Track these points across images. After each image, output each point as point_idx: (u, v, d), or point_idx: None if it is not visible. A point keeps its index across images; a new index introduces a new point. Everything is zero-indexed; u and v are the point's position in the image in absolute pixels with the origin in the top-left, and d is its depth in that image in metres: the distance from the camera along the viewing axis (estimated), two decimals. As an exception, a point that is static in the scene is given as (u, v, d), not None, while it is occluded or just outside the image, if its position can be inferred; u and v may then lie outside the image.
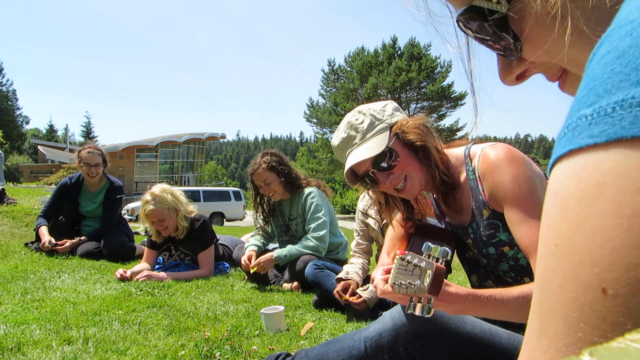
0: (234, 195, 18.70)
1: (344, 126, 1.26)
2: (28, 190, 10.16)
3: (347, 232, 4.07)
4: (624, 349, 0.17)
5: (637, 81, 0.23)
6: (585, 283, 0.23)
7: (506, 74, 0.44)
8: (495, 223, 1.12)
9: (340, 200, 33.73)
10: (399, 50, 31.14)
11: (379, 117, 1.22)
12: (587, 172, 0.24)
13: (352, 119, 1.25)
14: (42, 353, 1.59)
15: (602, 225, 0.23)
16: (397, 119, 1.23)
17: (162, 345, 1.72)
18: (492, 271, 1.21)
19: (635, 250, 0.21)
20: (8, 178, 17.83)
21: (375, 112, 1.24)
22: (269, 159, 3.06)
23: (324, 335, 1.92)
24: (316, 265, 2.68)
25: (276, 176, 3.03)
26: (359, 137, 1.21)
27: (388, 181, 1.19)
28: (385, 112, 1.25)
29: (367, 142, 1.20)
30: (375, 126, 1.22)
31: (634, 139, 0.23)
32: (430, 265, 0.84)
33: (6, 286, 2.53)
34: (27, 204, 6.14)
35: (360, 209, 2.65)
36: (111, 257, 3.67)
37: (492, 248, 1.14)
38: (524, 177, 1.02)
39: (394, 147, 1.18)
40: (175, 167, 41.04)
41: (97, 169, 3.95)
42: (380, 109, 1.25)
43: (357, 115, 1.25)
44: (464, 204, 1.20)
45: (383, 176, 1.19)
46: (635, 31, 0.24)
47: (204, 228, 3.23)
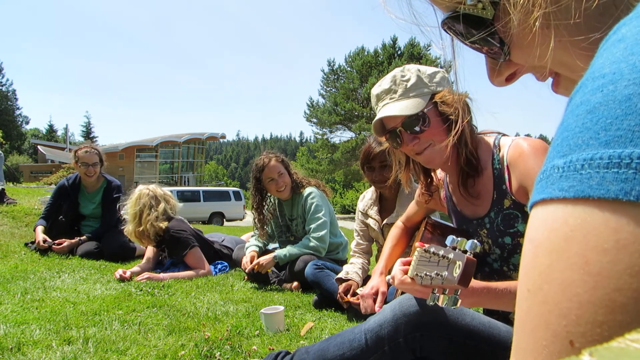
0: (234, 195, 18.69)
1: (389, 78, 1.25)
2: (28, 190, 10.15)
3: (347, 232, 4.07)
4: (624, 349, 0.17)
5: (605, 142, 0.24)
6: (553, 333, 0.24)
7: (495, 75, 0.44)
8: (515, 213, 1.13)
9: (340, 200, 33.72)
10: (399, 50, 31.13)
11: (425, 81, 1.22)
12: (557, 223, 0.25)
13: (398, 74, 1.24)
14: (42, 353, 1.59)
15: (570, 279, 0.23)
16: (441, 88, 1.24)
17: (162, 345, 1.72)
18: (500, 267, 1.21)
19: (602, 309, 0.22)
20: (8, 178, 17.82)
21: (424, 76, 1.23)
22: (275, 157, 3.10)
23: (324, 335, 1.92)
24: (316, 265, 2.68)
25: (286, 172, 3.05)
26: (399, 93, 1.22)
27: (412, 144, 1.21)
28: (434, 79, 1.24)
29: (404, 100, 1.20)
30: (419, 88, 1.21)
31: (600, 199, 0.23)
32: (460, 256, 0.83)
33: (6, 286, 2.53)
34: (27, 204, 6.14)
35: (360, 209, 2.64)
36: (111, 258, 3.67)
37: (508, 238, 1.16)
38: None
39: (429, 113, 1.19)
40: (175, 167, 41.04)
41: (94, 168, 3.94)
42: (430, 73, 1.25)
43: (406, 71, 1.25)
44: (481, 192, 1.21)
45: (409, 138, 1.21)
46: (606, 88, 0.25)
47: (173, 239, 3.18)
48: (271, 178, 3.01)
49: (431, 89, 1.22)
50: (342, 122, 31.51)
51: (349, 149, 30.06)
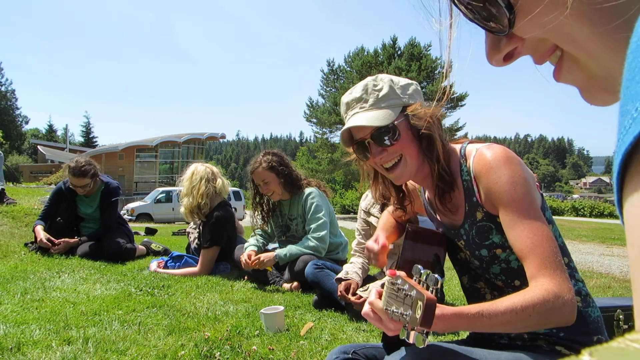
0: (233, 195, 18.68)
1: (361, 86, 1.21)
2: (28, 190, 10.15)
3: (347, 232, 4.07)
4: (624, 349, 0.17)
5: None
6: None
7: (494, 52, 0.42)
8: (488, 225, 1.10)
9: (340, 200, 33.71)
10: (399, 50, 31.13)
11: (397, 92, 1.18)
12: None
13: (370, 83, 1.20)
14: (42, 353, 1.59)
15: None
16: (413, 101, 1.19)
17: (162, 345, 1.72)
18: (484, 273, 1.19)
19: None
20: (8, 178, 17.82)
21: (397, 87, 1.19)
22: (269, 159, 3.07)
23: (323, 335, 1.92)
24: (316, 265, 2.68)
25: (275, 176, 3.03)
26: (370, 103, 1.17)
27: (379, 157, 1.16)
28: (407, 90, 1.20)
29: (375, 111, 1.16)
30: (390, 98, 1.17)
31: None
32: (421, 296, 0.82)
33: (6, 286, 2.52)
34: (27, 204, 6.14)
35: (362, 208, 2.65)
36: (111, 258, 3.67)
37: (484, 250, 1.13)
38: (519, 178, 1.01)
39: (399, 126, 1.15)
40: (175, 167, 41.00)
41: (85, 188, 3.83)
42: (403, 85, 1.20)
43: (378, 81, 1.20)
44: (458, 204, 1.17)
45: (377, 150, 1.16)
46: None
47: (215, 225, 3.28)
48: (259, 184, 3.08)
49: (403, 100, 1.18)
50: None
51: (349, 149, 30.00)
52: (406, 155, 1.15)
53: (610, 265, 6.11)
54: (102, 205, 3.97)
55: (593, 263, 6.29)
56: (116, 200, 4.08)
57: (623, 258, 7.18)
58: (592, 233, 11.46)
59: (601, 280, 4.50)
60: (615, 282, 4.43)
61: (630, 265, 0.23)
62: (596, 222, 18.12)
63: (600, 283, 4.28)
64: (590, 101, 0.39)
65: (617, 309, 1.44)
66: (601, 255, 7.43)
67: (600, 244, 9.23)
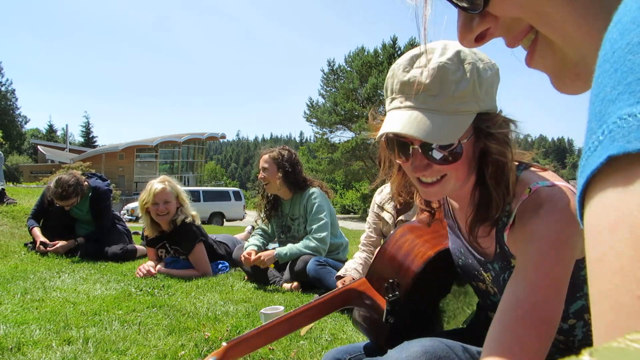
0: (234, 195, 18.70)
1: (433, 67, 0.82)
2: (28, 190, 10.15)
3: (347, 232, 4.08)
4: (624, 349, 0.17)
5: None
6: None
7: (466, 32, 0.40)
8: None
9: (340, 200, 33.74)
10: (399, 50, 31.16)
11: (477, 92, 0.83)
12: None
13: (449, 65, 0.82)
14: (42, 353, 1.60)
15: None
16: (493, 105, 0.87)
17: (162, 345, 1.72)
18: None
19: None
20: (8, 178, 17.82)
21: (479, 80, 0.83)
22: (279, 152, 3.12)
23: (324, 335, 1.92)
24: (318, 261, 2.69)
25: (276, 169, 3.06)
26: (439, 101, 0.82)
27: (420, 171, 0.87)
28: (490, 88, 0.86)
29: (441, 115, 0.82)
30: (467, 101, 0.82)
31: None
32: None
33: (6, 286, 2.53)
34: (27, 204, 6.14)
35: (377, 202, 2.62)
36: (112, 259, 3.68)
37: None
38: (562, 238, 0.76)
39: (466, 145, 0.84)
40: (175, 167, 41.05)
41: (73, 204, 3.81)
42: (487, 78, 0.85)
43: (458, 65, 0.83)
44: (489, 238, 0.93)
45: (421, 162, 0.86)
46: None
47: (185, 229, 3.24)
48: (259, 169, 3.12)
49: (480, 105, 0.84)
50: (342, 122, 31.53)
51: (349, 149, 30.07)
52: (451, 177, 0.87)
53: (611, 265, 6.10)
54: (92, 211, 3.92)
55: (593, 263, 6.29)
56: (108, 204, 4.03)
57: (623, 258, 7.16)
58: (592, 233, 11.45)
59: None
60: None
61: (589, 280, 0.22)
62: (596, 222, 18.11)
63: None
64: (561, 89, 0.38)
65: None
66: (601, 255, 7.43)
67: (600, 244, 9.23)
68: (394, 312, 1.06)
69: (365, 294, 1.15)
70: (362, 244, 2.64)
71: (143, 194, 3.23)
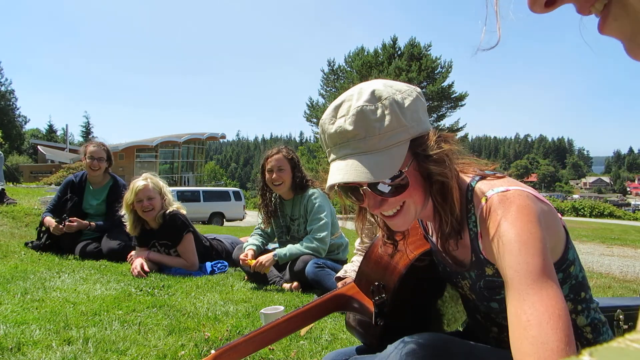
0: (233, 196, 18.68)
1: (352, 113, 0.86)
2: (28, 190, 10.15)
3: (347, 233, 4.07)
4: (624, 349, 0.17)
5: None
6: None
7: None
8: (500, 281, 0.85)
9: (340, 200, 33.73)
10: (399, 50, 31.15)
11: (403, 121, 0.86)
12: None
13: (366, 108, 0.85)
14: (42, 353, 1.59)
15: None
16: (423, 128, 0.89)
17: (162, 345, 1.72)
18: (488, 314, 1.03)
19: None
20: (8, 178, 17.81)
21: (401, 110, 0.86)
22: (290, 151, 3.13)
23: (324, 335, 1.92)
24: (317, 263, 2.68)
25: (290, 168, 3.05)
26: (368, 143, 0.85)
27: (379, 207, 0.91)
28: (414, 112, 0.88)
29: (375, 155, 0.85)
30: (395, 133, 0.85)
31: None
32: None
33: (6, 286, 2.52)
34: (27, 204, 6.14)
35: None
36: (111, 257, 3.69)
37: (495, 303, 0.95)
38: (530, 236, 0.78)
39: (409, 173, 0.87)
40: (175, 167, 41.05)
41: (100, 162, 4.04)
42: (408, 105, 0.88)
43: (376, 103, 0.86)
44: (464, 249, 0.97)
45: (375, 200, 0.90)
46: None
47: (172, 219, 3.30)
48: (272, 169, 3.04)
49: (411, 132, 0.87)
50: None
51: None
52: (410, 202, 0.91)
53: (610, 265, 6.11)
54: (109, 199, 4.09)
55: (593, 263, 6.29)
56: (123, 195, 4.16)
57: (623, 258, 7.18)
58: (592, 233, 11.46)
59: (601, 280, 4.50)
60: (615, 282, 4.43)
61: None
62: (596, 222, 18.12)
63: (600, 283, 4.28)
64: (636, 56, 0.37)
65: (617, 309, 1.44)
66: (601, 255, 7.43)
67: (600, 244, 9.23)
68: (383, 314, 1.06)
69: (354, 298, 1.16)
70: (357, 249, 2.65)
71: (126, 192, 3.31)
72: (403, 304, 1.12)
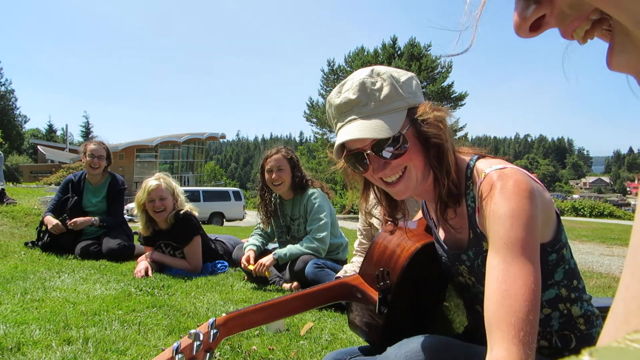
0: (233, 195, 18.69)
1: (356, 85, 0.98)
2: (28, 190, 10.15)
3: (347, 233, 4.08)
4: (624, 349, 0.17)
5: None
6: None
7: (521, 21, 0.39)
8: None
9: (340, 200, 33.74)
10: (398, 50, 31.13)
11: (400, 92, 0.98)
12: None
13: (367, 80, 0.98)
14: (42, 353, 1.59)
15: None
16: (419, 100, 1.01)
17: (162, 345, 1.72)
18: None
19: None
20: (8, 178, 17.82)
21: (398, 84, 0.98)
22: (290, 151, 3.14)
23: (323, 335, 1.92)
24: (316, 264, 2.68)
25: (290, 168, 3.06)
26: (370, 107, 0.96)
27: (381, 172, 0.98)
28: (410, 87, 1.00)
29: (376, 118, 0.95)
30: (394, 100, 0.97)
31: None
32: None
33: (6, 286, 2.52)
34: (27, 204, 6.14)
35: (364, 209, 2.65)
36: (110, 257, 3.69)
37: None
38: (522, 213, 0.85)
39: (407, 135, 0.96)
40: (175, 167, 41.03)
41: (100, 160, 4.07)
42: (405, 80, 1.00)
43: (375, 77, 0.99)
44: (462, 225, 1.02)
45: (378, 164, 0.98)
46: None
47: (186, 219, 3.29)
48: (271, 169, 3.04)
49: (408, 101, 0.98)
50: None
51: (349, 149, 30.00)
52: (411, 167, 0.98)
53: (610, 265, 6.11)
54: (109, 195, 4.14)
55: (593, 263, 6.29)
56: (122, 190, 4.25)
57: (623, 258, 7.17)
58: (592, 233, 11.46)
59: (601, 280, 4.50)
60: (615, 282, 4.43)
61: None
62: (596, 222, 18.12)
63: (600, 283, 4.28)
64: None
65: (617, 308, 1.44)
66: (601, 255, 7.43)
67: (600, 244, 9.23)
68: (386, 301, 1.07)
69: (358, 288, 1.17)
70: (356, 250, 2.65)
71: (139, 192, 3.28)
72: (406, 298, 1.13)
